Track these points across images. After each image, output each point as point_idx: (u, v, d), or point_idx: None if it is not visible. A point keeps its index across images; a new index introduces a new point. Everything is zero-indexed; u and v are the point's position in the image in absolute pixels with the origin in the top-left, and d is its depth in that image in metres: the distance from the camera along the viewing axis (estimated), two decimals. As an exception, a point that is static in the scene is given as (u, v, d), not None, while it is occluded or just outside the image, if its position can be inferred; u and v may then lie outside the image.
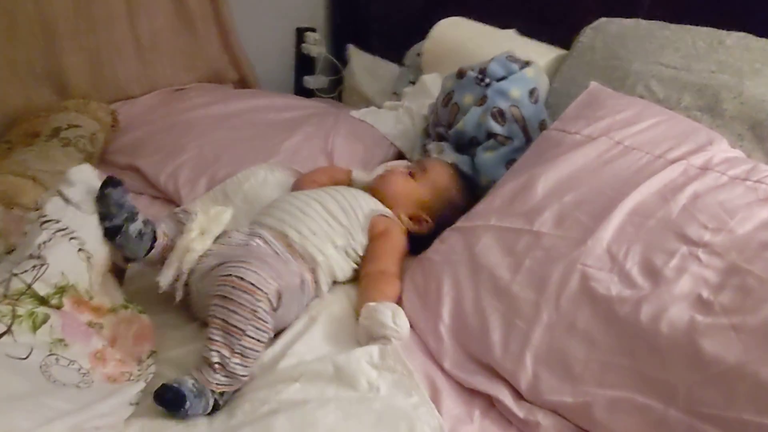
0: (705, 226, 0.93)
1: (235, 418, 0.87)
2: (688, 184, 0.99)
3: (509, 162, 1.29)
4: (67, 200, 0.95)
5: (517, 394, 0.92)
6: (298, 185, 1.31)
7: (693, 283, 0.87)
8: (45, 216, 0.93)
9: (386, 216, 1.17)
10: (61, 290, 0.88)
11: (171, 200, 1.37)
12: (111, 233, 0.95)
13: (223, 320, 0.89)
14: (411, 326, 1.04)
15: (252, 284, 0.89)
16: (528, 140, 1.30)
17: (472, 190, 1.27)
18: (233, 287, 0.89)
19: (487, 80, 1.33)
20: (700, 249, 0.90)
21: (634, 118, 1.13)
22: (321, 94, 2.12)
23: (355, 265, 1.13)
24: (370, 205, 1.17)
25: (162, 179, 1.38)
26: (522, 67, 1.35)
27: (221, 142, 1.46)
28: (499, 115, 1.31)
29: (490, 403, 0.93)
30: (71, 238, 0.91)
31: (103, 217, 0.95)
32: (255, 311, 0.89)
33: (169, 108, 1.62)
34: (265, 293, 0.90)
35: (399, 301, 1.06)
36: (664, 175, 1.01)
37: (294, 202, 1.13)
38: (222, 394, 0.89)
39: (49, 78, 1.53)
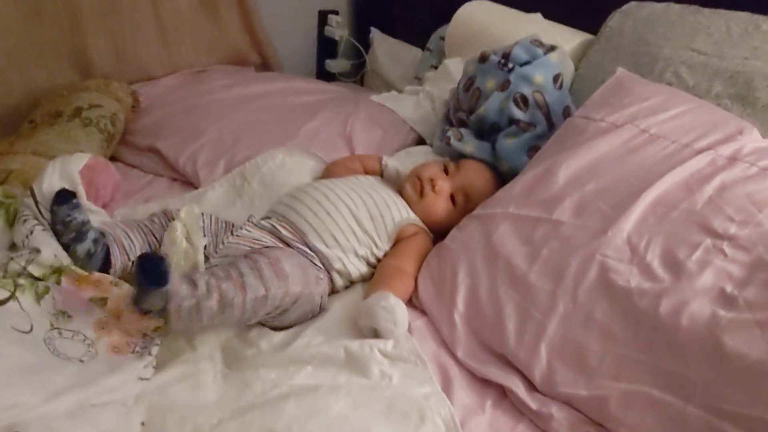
0: (731, 219, 0.90)
1: (244, 399, 0.87)
2: (715, 175, 0.96)
3: (531, 149, 1.26)
4: (36, 201, 0.95)
5: (531, 386, 0.90)
6: (329, 173, 1.29)
7: (716, 277, 0.84)
8: (24, 212, 0.95)
9: (416, 225, 1.15)
10: (58, 270, 0.88)
11: (189, 182, 1.38)
12: (64, 249, 0.94)
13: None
14: (425, 313, 1.03)
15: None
16: (551, 127, 1.27)
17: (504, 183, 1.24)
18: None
19: (511, 65, 1.30)
20: (725, 242, 0.88)
21: (662, 106, 1.09)
22: (343, 78, 2.11)
23: (373, 270, 1.10)
24: (402, 213, 1.13)
25: (181, 161, 1.38)
26: (547, 52, 1.32)
27: (241, 125, 1.45)
28: (522, 101, 1.28)
29: (503, 393, 0.91)
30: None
31: (55, 232, 0.93)
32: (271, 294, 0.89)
33: (189, 90, 1.62)
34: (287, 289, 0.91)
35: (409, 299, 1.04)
36: (691, 165, 0.98)
37: (322, 201, 1.08)
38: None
39: (73, 59, 1.54)
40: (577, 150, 1.07)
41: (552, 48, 1.33)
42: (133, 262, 0.97)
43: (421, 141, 1.51)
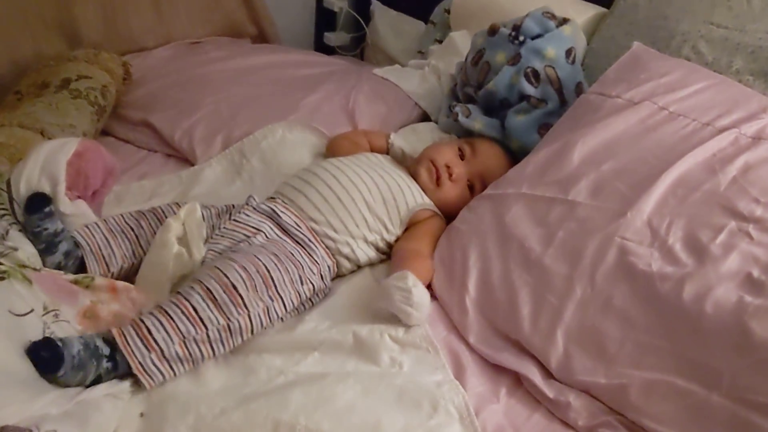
0: (757, 200, 0.86)
1: (249, 386, 0.83)
2: (738, 155, 0.92)
3: (542, 126, 1.22)
4: (11, 198, 0.89)
5: (547, 373, 0.87)
6: (335, 147, 1.22)
7: (742, 262, 0.81)
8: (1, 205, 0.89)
9: (430, 209, 1.09)
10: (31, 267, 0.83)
11: (185, 158, 1.32)
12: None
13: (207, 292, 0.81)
14: (435, 297, 1.00)
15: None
16: (563, 104, 1.23)
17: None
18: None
19: (522, 38, 1.25)
20: (751, 225, 0.84)
21: (680, 82, 1.05)
22: (342, 51, 2.04)
23: (383, 256, 1.05)
24: (416, 198, 1.07)
25: (176, 136, 1.32)
26: (559, 25, 1.26)
27: (238, 99, 1.39)
28: (533, 76, 1.23)
29: (517, 380, 0.88)
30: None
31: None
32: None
33: (184, 62, 1.56)
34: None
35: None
36: (713, 144, 0.94)
37: (332, 185, 1.02)
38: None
39: (60, 28, 1.46)
40: (592, 128, 1.03)
41: (564, 21, 1.28)
42: (112, 273, 0.90)
43: (425, 117, 1.46)
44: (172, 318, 0.80)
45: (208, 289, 0.82)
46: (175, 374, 0.80)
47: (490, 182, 1.12)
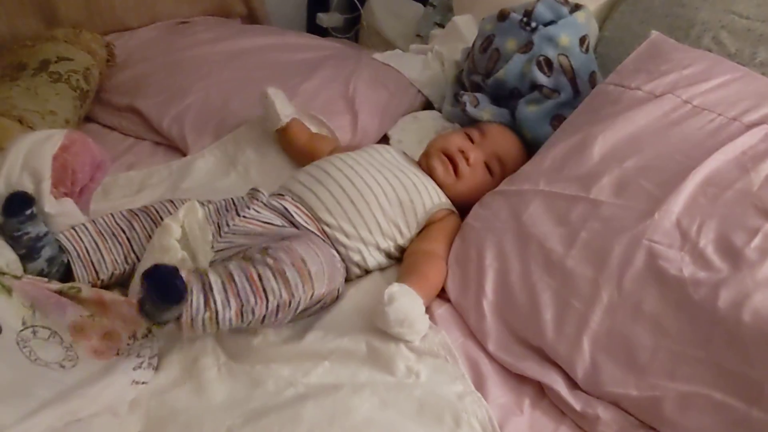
0: (793, 202, 0.82)
1: (256, 400, 0.77)
2: (771, 153, 0.87)
3: (554, 117, 1.17)
4: None
5: (572, 383, 0.82)
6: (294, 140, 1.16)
7: (781, 267, 0.77)
8: None
9: (447, 209, 1.03)
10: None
11: (175, 147, 1.24)
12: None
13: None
14: (450, 301, 0.94)
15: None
16: (576, 94, 1.17)
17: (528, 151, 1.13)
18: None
19: (534, 24, 1.19)
20: (788, 228, 0.80)
21: (704, 74, 1.00)
22: (335, 33, 1.96)
23: (394, 261, 0.99)
24: (433, 198, 1.01)
25: (165, 124, 1.24)
26: (572, 11, 1.21)
27: (230, 84, 1.31)
28: (546, 65, 1.17)
29: (540, 391, 0.84)
30: None
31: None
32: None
33: (171, 43, 1.46)
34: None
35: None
36: (742, 141, 0.90)
37: (346, 186, 0.96)
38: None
39: (36, 5, 1.36)
40: (613, 121, 0.97)
41: (577, 7, 1.22)
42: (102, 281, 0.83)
43: (428, 104, 1.40)
44: (235, 282, 0.75)
45: (276, 258, 0.77)
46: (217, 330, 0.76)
47: (508, 162, 1.08)
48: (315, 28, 1.97)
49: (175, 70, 1.35)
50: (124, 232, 0.87)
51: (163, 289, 0.70)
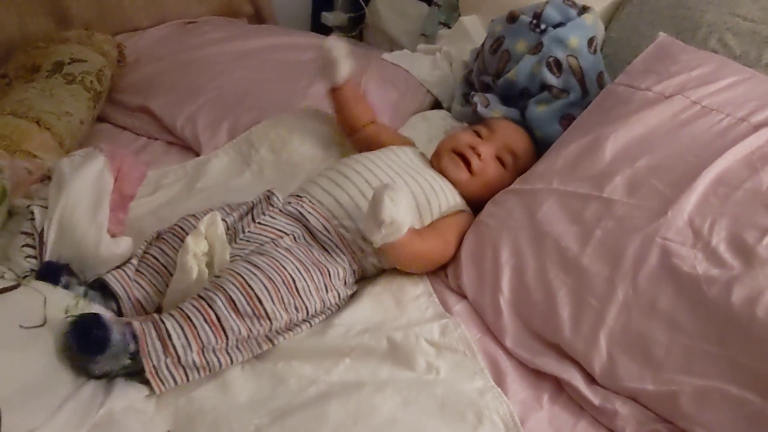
0: (802, 200, 0.84)
1: (279, 398, 0.78)
2: (779, 153, 0.90)
3: (563, 117, 1.19)
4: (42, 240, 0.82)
5: (589, 378, 0.84)
6: (355, 127, 1.17)
7: (792, 265, 0.79)
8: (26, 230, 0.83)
9: (461, 209, 1.05)
10: None
11: (188, 147, 1.25)
12: None
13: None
14: (466, 298, 0.96)
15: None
16: (585, 94, 1.19)
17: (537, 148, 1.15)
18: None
19: (543, 26, 1.21)
20: (798, 226, 0.82)
21: (712, 76, 1.02)
22: (340, 31, 1.97)
23: None
24: (449, 199, 1.02)
25: (179, 123, 1.24)
26: (580, 13, 1.22)
27: (242, 84, 1.32)
28: (555, 66, 1.19)
29: (558, 385, 0.85)
30: None
31: None
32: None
33: (181, 43, 1.47)
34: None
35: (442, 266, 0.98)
36: (751, 141, 0.92)
37: (365, 190, 0.96)
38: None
39: (47, 5, 1.36)
40: (624, 122, 0.99)
41: (585, 9, 1.24)
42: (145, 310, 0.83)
43: (437, 104, 1.41)
44: (193, 325, 0.75)
45: (231, 299, 0.77)
46: (188, 380, 0.75)
47: (519, 153, 1.09)
48: (319, 27, 1.97)
49: (186, 69, 1.36)
50: (157, 259, 0.87)
51: (83, 339, 0.69)
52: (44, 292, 0.73)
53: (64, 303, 0.73)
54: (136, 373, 0.74)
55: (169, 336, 0.74)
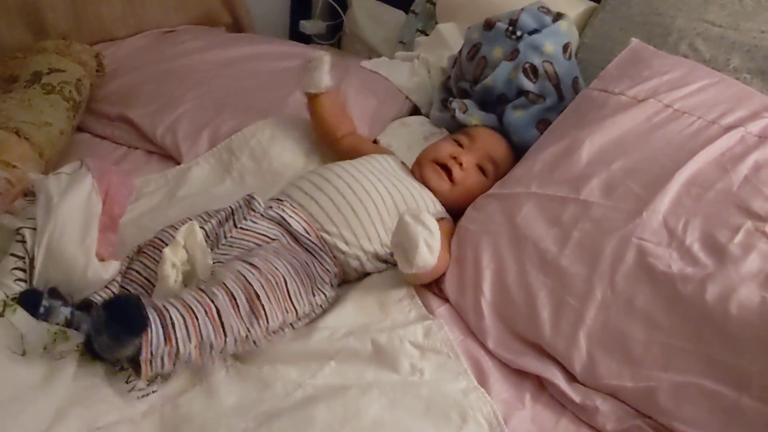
0: (771, 200, 0.87)
1: (266, 402, 0.79)
2: (748, 154, 0.92)
3: (540, 122, 1.21)
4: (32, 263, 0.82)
5: (570, 376, 0.86)
6: (332, 130, 1.18)
7: (762, 262, 0.82)
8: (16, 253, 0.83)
9: (443, 216, 1.06)
10: None
11: (169, 156, 1.25)
12: None
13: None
14: (449, 301, 0.97)
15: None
16: (561, 99, 1.22)
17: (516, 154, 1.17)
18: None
19: (519, 33, 1.23)
20: (767, 225, 0.85)
21: (683, 80, 1.05)
22: (318, 40, 1.98)
23: (390, 266, 1.00)
24: (429, 208, 1.03)
25: (159, 133, 1.24)
26: (555, 20, 1.25)
27: (222, 93, 1.32)
28: (531, 71, 1.21)
29: (540, 384, 0.87)
30: None
31: None
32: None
33: (159, 52, 1.47)
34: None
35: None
36: (721, 143, 0.95)
37: (346, 194, 0.97)
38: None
39: (24, 15, 1.35)
40: (599, 126, 1.02)
41: (559, 16, 1.27)
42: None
43: (416, 110, 1.43)
44: (196, 317, 0.75)
45: (232, 294, 0.78)
46: (174, 368, 0.76)
47: (499, 161, 1.11)
48: (298, 36, 1.98)
49: (165, 79, 1.36)
50: (140, 274, 0.88)
51: (126, 319, 0.69)
52: (22, 328, 0.73)
53: (42, 341, 0.73)
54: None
55: (173, 325, 0.74)
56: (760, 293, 0.79)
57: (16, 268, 0.82)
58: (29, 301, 0.76)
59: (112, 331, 0.69)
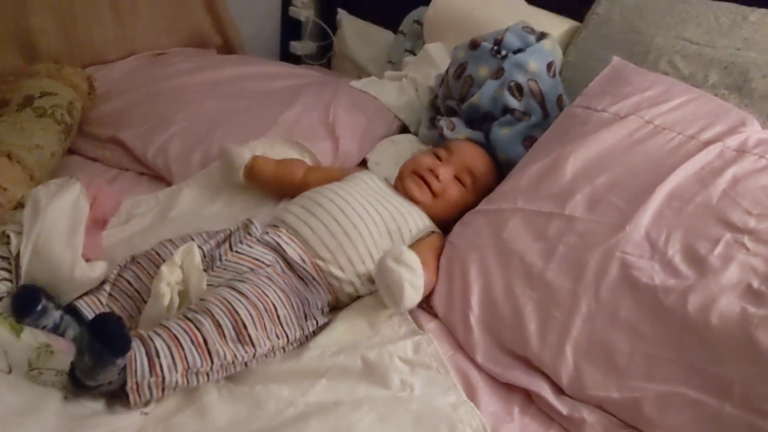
0: (749, 212, 0.89)
1: (258, 420, 0.80)
2: (726, 168, 0.95)
3: (526, 139, 1.23)
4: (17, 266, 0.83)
5: (557, 389, 0.88)
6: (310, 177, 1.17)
7: (741, 273, 0.84)
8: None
9: (431, 230, 1.07)
10: None
11: (160, 177, 1.26)
12: None
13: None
14: (438, 317, 0.99)
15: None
16: (546, 116, 1.24)
17: (499, 169, 1.19)
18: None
19: (504, 52, 1.26)
20: (746, 236, 0.87)
21: (663, 96, 1.07)
22: (309, 60, 2.01)
23: None
24: (418, 223, 1.05)
25: (150, 154, 1.26)
26: (538, 39, 1.28)
27: (213, 114, 1.34)
28: (517, 90, 1.24)
29: (528, 398, 0.88)
30: None
31: None
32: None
33: (150, 74, 1.49)
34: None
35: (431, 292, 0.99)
36: (701, 158, 0.97)
37: (339, 218, 0.98)
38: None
39: (16, 40, 1.37)
40: (582, 142, 1.04)
41: (543, 35, 1.30)
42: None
43: (405, 128, 1.45)
44: (181, 346, 0.76)
45: (218, 323, 0.78)
46: (163, 396, 0.77)
47: (476, 172, 1.14)
48: (288, 56, 2.01)
49: (156, 100, 1.37)
50: (131, 284, 0.88)
51: (109, 338, 0.69)
52: (3, 345, 0.73)
53: (25, 356, 0.74)
54: (108, 391, 0.74)
55: (157, 354, 0.74)
56: (740, 303, 0.81)
57: (1, 269, 0.83)
58: (27, 297, 0.77)
59: (95, 350, 0.69)
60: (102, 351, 0.69)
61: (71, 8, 1.44)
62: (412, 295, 0.89)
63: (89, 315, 0.84)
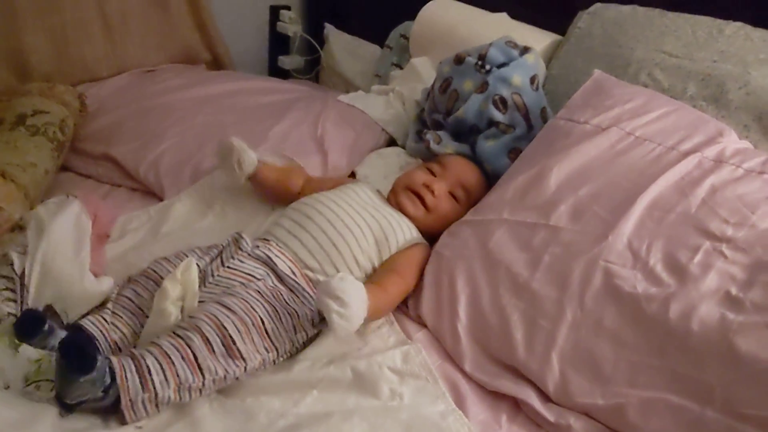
0: (726, 221, 0.91)
1: (250, 433, 0.81)
2: (704, 178, 0.97)
3: (511, 151, 1.26)
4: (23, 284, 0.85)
5: (545, 397, 0.89)
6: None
7: (720, 280, 0.86)
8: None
9: (418, 242, 1.09)
10: None
11: (152, 192, 1.28)
12: None
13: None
14: (426, 326, 1.01)
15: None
16: (530, 128, 1.27)
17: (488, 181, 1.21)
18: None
19: (488, 66, 1.29)
20: (724, 244, 0.89)
21: (643, 108, 1.10)
22: (297, 74, 2.03)
23: None
24: (405, 234, 1.07)
25: (141, 170, 1.27)
26: (522, 53, 1.31)
27: (203, 129, 1.36)
28: (501, 103, 1.26)
29: (516, 406, 0.90)
30: None
31: None
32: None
33: (141, 91, 1.51)
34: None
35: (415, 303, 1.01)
36: (680, 168, 1.00)
37: (327, 230, 1.00)
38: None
39: (8, 59, 1.39)
40: (566, 153, 1.06)
41: (526, 49, 1.33)
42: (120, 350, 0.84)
43: (392, 142, 1.48)
44: (173, 362, 0.78)
45: (207, 339, 0.80)
46: (158, 412, 0.78)
47: (470, 188, 1.16)
48: (277, 71, 2.03)
49: (147, 116, 1.39)
50: (132, 301, 0.90)
51: (74, 359, 0.70)
52: (1, 360, 0.75)
53: (22, 371, 0.75)
54: (101, 408, 0.76)
55: (149, 371, 0.76)
56: (719, 310, 0.83)
57: (5, 289, 0.84)
58: (33, 318, 0.79)
59: (60, 367, 0.71)
60: (66, 368, 0.71)
61: (62, 27, 1.46)
62: (343, 324, 0.84)
63: (94, 332, 0.85)
